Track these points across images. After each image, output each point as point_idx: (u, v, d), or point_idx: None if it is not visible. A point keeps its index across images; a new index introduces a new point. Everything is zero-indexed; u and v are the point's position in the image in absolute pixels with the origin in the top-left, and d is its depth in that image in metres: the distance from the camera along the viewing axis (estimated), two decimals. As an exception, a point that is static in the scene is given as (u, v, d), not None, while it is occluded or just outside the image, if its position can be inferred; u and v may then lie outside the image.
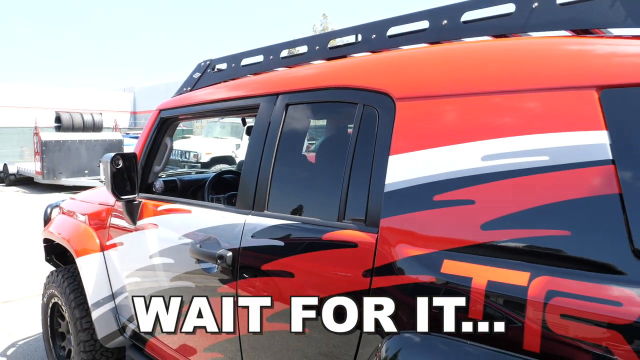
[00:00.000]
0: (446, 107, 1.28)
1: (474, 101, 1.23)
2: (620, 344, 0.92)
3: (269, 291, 1.60)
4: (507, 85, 1.19)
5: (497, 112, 1.19)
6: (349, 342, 1.39)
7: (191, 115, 2.35)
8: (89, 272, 2.58)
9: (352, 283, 1.36)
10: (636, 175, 0.98)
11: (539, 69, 1.16)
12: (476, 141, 1.20)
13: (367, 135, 1.46)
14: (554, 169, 1.08)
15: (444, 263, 1.18)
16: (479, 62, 1.29)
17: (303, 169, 1.81)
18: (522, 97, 1.16)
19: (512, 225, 1.11)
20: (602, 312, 0.94)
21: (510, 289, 1.06)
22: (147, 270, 2.23)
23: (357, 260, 1.36)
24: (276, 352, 1.62)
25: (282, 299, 1.55)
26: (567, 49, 1.19)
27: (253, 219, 1.71)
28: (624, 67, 1.06)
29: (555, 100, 1.11)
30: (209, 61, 2.35)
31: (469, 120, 1.23)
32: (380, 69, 1.52)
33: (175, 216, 2.09)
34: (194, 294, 1.94)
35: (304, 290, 1.49)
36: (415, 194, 1.27)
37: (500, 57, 1.26)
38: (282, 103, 1.76)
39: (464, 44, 1.41)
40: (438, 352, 1.15)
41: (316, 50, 1.80)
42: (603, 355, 0.93)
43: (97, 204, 2.79)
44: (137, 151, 2.44)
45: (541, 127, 1.11)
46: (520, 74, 1.18)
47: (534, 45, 1.24)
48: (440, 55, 1.41)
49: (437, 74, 1.35)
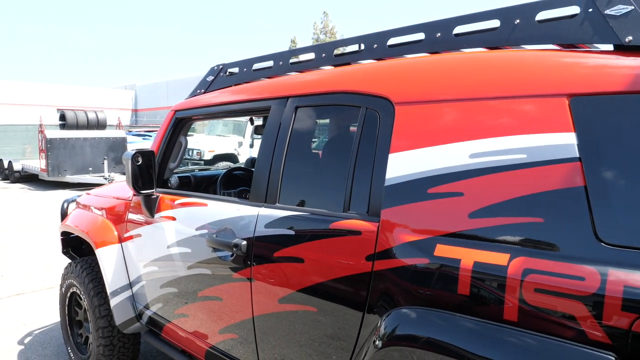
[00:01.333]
0: (440, 110, 1.46)
1: (464, 106, 1.41)
2: (584, 313, 1.09)
3: (281, 276, 1.78)
4: (492, 93, 1.36)
5: (483, 115, 1.36)
6: (352, 323, 1.56)
7: (205, 115, 2.52)
8: (108, 262, 2.76)
9: (356, 267, 1.54)
10: (599, 170, 1.15)
11: (519, 78, 1.34)
12: (465, 141, 1.38)
13: (369, 135, 1.63)
14: (531, 165, 1.25)
15: (436, 247, 1.36)
16: (468, 71, 1.47)
17: (311, 166, 1.99)
18: (504, 102, 1.33)
19: (495, 214, 1.28)
20: (569, 287, 1.12)
21: (492, 268, 1.24)
22: (165, 259, 2.40)
23: (361, 246, 1.54)
24: (286, 332, 1.80)
25: (293, 282, 1.73)
26: (544, 60, 1.36)
27: (266, 210, 1.89)
28: (591, 77, 1.24)
29: (532, 105, 1.29)
30: (222, 65, 2.53)
31: (459, 122, 1.40)
32: (381, 76, 1.69)
33: (192, 209, 2.27)
34: (211, 280, 2.12)
35: (312, 274, 1.66)
36: (412, 188, 1.44)
37: (486, 67, 1.43)
38: (292, 105, 1.93)
39: (456, 54, 1.58)
40: (431, 324, 1.33)
41: (323, 57, 1.98)
42: (569, 321, 1.11)
43: (114, 198, 2.96)
44: (154, 149, 2.62)
45: (520, 128, 1.29)
46: (503, 83, 1.36)
47: (516, 58, 1.41)
48: (433, 64, 1.58)
49: (431, 81, 1.52)
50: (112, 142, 14.18)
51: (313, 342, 1.71)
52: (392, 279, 1.45)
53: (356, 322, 1.55)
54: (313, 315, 1.69)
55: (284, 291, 1.77)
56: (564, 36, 1.38)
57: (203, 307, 2.22)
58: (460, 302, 1.29)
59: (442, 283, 1.33)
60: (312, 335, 1.71)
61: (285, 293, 1.77)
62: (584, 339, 1.09)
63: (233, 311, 2.03)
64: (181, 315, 2.39)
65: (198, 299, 2.23)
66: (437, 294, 1.34)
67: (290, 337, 1.80)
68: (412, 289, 1.39)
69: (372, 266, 1.50)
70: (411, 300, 1.40)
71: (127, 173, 2.36)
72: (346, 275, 1.57)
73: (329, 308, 1.63)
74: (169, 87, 35.56)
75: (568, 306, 1.12)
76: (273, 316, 1.84)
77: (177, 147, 2.65)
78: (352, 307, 1.56)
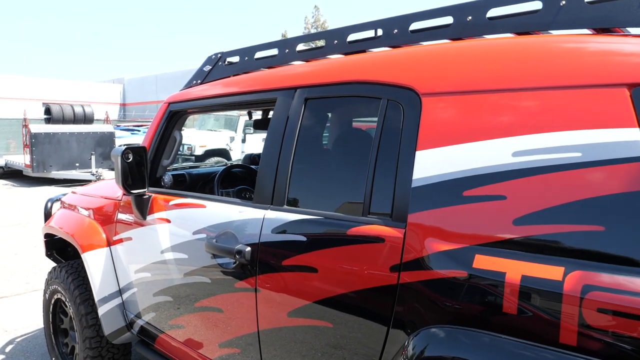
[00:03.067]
0: (476, 103, 1.29)
1: (504, 98, 1.24)
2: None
3: (291, 286, 1.60)
4: (539, 82, 1.19)
5: (528, 108, 1.19)
6: (375, 338, 1.39)
7: (202, 108, 2.33)
8: (95, 267, 2.56)
9: (379, 278, 1.37)
10: None
11: (571, 66, 1.17)
12: (507, 137, 1.21)
13: (392, 130, 1.46)
14: (587, 165, 1.09)
15: (475, 258, 1.19)
16: (507, 58, 1.30)
17: (323, 164, 1.80)
18: (553, 94, 1.17)
19: (545, 221, 1.12)
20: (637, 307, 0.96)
21: (545, 283, 1.07)
22: (159, 265, 2.21)
23: (384, 255, 1.36)
24: (298, 348, 1.62)
25: (306, 294, 1.55)
26: (597, 47, 1.20)
27: (272, 213, 1.70)
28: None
29: (586, 97, 1.12)
30: (220, 54, 2.33)
31: (500, 116, 1.23)
32: (404, 64, 1.52)
33: (189, 211, 2.08)
34: (210, 289, 1.94)
35: (328, 285, 1.49)
36: (445, 190, 1.27)
37: (531, 53, 1.26)
38: (300, 97, 1.75)
39: (489, 40, 1.41)
40: (471, 346, 1.16)
41: (335, 44, 1.80)
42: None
43: (102, 197, 2.75)
44: (146, 144, 2.42)
45: (572, 123, 1.12)
46: (551, 71, 1.19)
47: (564, 43, 1.25)
48: (466, 50, 1.41)
49: (464, 69, 1.35)
50: (99, 137, 13.85)
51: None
52: (421, 293, 1.28)
53: (379, 341, 1.38)
54: (329, 330, 1.51)
55: (294, 304, 1.60)
56: (617, 18, 1.22)
57: (201, 318, 2.04)
58: (506, 322, 1.13)
59: (483, 299, 1.17)
60: (327, 353, 1.53)
61: (296, 306, 1.59)
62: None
63: (235, 324, 1.85)
64: (176, 326, 2.21)
65: (195, 309, 2.05)
66: (477, 311, 1.17)
67: (301, 353, 1.62)
68: (446, 305, 1.22)
69: (398, 278, 1.33)
70: (445, 318, 1.23)
71: (117, 171, 2.16)
72: (367, 287, 1.40)
73: (348, 324, 1.46)
74: (157, 81, 35.19)
75: (638, 329, 0.96)
76: (281, 331, 1.66)
77: (171, 143, 2.45)
78: (374, 323, 1.39)
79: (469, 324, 1.19)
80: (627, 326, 0.97)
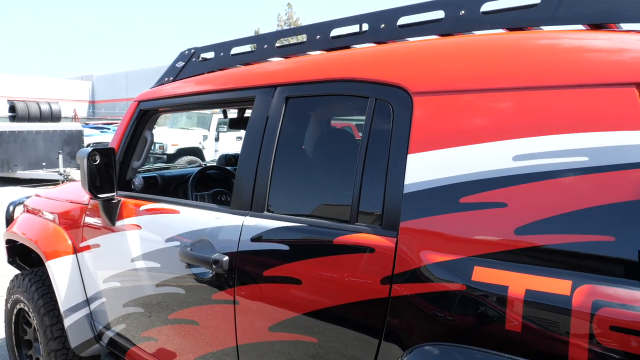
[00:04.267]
0: (471, 103, 1.20)
1: (504, 97, 1.15)
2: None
3: (272, 299, 1.49)
4: (541, 81, 1.11)
5: (529, 109, 1.11)
6: (364, 356, 1.30)
7: (174, 107, 2.20)
8: (60, 276, 2.39)
9: (369, 291, 1.27)
10: None
11: (576, 64, 1.09)
12: (506, 140, 1.13)
13: (381, 131, 1.36)
14: (594, 170, 1.01)
15: (474, 270, 1.10)
16: (506, 55, 1.21)
17: (306, 167, 1.70)
18: (557, 94, 1.09)
19: (550, 230, 1.04)
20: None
21: (551, 298, 1.00)
22: (129, 274, 2.07)
23: (374, 266, 1.27)
24: None
25: (288, 307, 1.45)
26: (604, 44, 1.12)
27: (252, 220, 1.59)
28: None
29: (593, 97, 1.05)
30: (194, 49, 2.20)
31: (498, 117, 1.15)
32: (393, 60, 1.42)
33: (161, 217, 1.95)
34: (184, 300, 1.81)
35: (312, 298, 1.39)
36: (439, 196, 1.19)
37: (534, 50, 1.18)
38: (281, 96, 1.64)
39: (487, 35, 1.33)
40: (470, 366, 1.08)
41: (317, 39, 1.69)
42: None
43: (68, 201, 2.59)
44: (115, 145, 2.27)
45: (578, 125, 1.05)
46: (555, 69, 1.11)
47: (568, 39, 1.17)
48: (461, 47, 1.32)
49: (458, 67, 1.26)
50: (67, 135, 13.39)
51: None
52: (415, 307, 1.19)
53: (371, 353, 1.29)
54: (313, 346, 1.41)
55: (276, 317, 1.49)
56: (622, 14, 1.15)
57: (175, 330, 1.91)
58: (508, 340, 1.04)
59: (483, 315, 1.08)
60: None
61: (278, 319, 1.48)
62: None
63: (212, 337, 1.73)
64: (148, 338, 2.07)
65: (169, 321, 1.92)
66: (477, 328, 1.09)
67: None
68: (443, 321, 1.14)
69: (390, 291, 1.23)
70: (441, 335, 1.14)
71: (83, 174, 2.00)
72: (356, 300, 1.30)
73: (334, 339, 1.36)
74: (128, 78, 34.45)
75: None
76: (262, 345, 1.55)
77: (141, 143, 2.30)
78: (363, 339, 1.29)
79: (467, 341, 1.10)
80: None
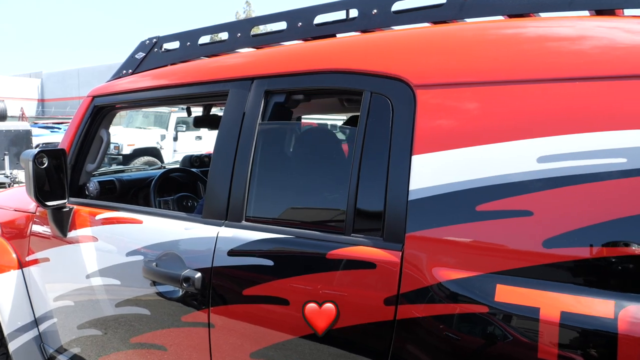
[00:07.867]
0: (486, 97, 1.05)
1: (526, 90, 1.01)
2: None
3: (254, 321, 1.30)
4: (572, 72, 0.98)
5: (556, 103, 0.98)
6: None
7: (133, 103, 1.96)
8: (4, 294, 2.11)
9: (369, 313, 1.11)
10: None
11: (611, 53, 0.96)
12: (530, 139, 0.99)
13: (379, 130, 1.20)
14: (634, 173, 0.89)
15: (497, 289, 0.96)
16: (529, 42, 1.07)
17: (291, 171, 1.51)
18: (589, 86, 0.96)
19: (583, 243, 0.90)
20: None
21: (593, 322, 0.86)
22: (84, 292, 1.83)
23: (376, 284, 1.11)
24: None
25: (273, 330, 1.26)
26: (624, 28, 1.00)
27: (228, 231, 1.39)
28: None
29: (631, 90, 0.92)
30: (156, 39, 1.97)
31: (521, 113, 1.01)
32: (391, 49, 1.26)
33: (121, 227, 1.71)
34: (150, 322, 1.59)
35: (301, 321, 1.21)
36: (452, 203, 1.03)
37: (558, 36, 1.04)
38: (258, 89, 1.45)
39: (503, 21, 1.19)
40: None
41: (299, 27, 1.51)
42: None
43: (12, 209, 2.30)
44: (65, 146, 2.01)
45: (614, 122, 0.92)
46: (588, 58, 0.97)
47: (600, 25, 1.04)
48: (472, 33, 1.17)
49: (469, 56, 1.12)
50: (13, 135, 12.59)
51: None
52: (426, 332, 1.03)
53: None
54: (303, 375, 1.23)
55: (258, 342, 1.30)
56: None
57: (138, 355, 1.68)
58: (542, 370, 0.90)
59: (510, 341, 0.93)
60: None
61: (261, 345, 1.30)
62: None
63: (183, 364, 1.53)
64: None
65: (132, 345, 1.69)
66: (503, 357, 0.94)
67: None
68: (460, 349, 0.98)
69: (395, 313, 1.07)
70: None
71: (28, 179, 1.75)
72: (353, 324, 1.13)
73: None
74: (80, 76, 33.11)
75: None
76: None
77: (96, 144, 2.05)
78: None
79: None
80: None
